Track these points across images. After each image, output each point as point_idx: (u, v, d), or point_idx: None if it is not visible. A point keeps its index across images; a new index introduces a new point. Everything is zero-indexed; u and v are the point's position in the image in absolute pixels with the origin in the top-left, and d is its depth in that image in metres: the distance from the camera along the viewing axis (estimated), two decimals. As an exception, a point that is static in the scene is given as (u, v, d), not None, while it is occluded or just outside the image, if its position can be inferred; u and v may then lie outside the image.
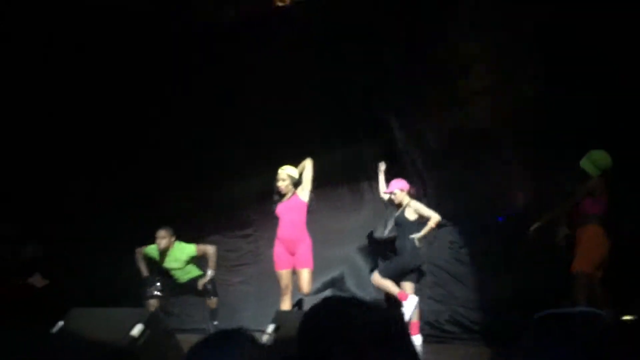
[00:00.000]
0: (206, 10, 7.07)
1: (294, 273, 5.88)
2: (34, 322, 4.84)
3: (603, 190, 5.09)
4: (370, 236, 6.94)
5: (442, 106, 6.61)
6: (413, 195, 6.21)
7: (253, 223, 7.86)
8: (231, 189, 7.52)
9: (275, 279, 6.03)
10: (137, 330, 4.07)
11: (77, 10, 6.33)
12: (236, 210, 7.83)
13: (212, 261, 6.50)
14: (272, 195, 6.05)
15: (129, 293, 6.84)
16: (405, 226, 5.99)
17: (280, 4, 7.31)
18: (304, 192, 5.90)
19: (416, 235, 5.87)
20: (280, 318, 4.15)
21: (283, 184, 5.92)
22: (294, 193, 5.93)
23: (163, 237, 6.38)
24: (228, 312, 7.12)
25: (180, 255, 6.45)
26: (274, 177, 6.02)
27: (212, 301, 6.47)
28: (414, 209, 6.01)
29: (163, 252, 6.43)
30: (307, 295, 5.78)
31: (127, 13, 6.53)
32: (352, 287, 6.90)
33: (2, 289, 6.12)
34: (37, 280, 6.26)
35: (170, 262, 6.46)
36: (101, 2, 6.40)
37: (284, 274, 5.85)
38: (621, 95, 5.25)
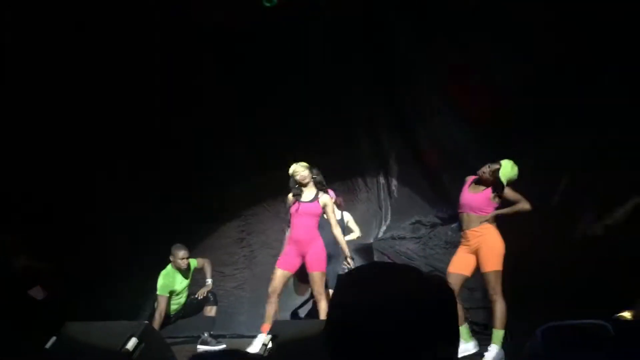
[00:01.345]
0: (198, 14, 7.03)
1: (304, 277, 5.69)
2: (33, 336, 4.75)
3: None
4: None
5: (439, 108, 6.64)
6: (340, 206, 6.29)
7: (246, 227, 7.80)
8: (224, 192, 7.45)
9: (254, 284, 5.97)
10: (131, 343, 4.01)
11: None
12: (230, 214, 7.76)
13: (209, 270, 6.45)
14: (292, 190, 5.60)
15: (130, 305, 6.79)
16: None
17: (267, 4, 7.29)
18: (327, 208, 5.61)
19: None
20: (277, 328, 4.09)
21: (304, 173, 5.52)
22: (316, 195, 5.57)
23: (187, 257, 6.20)
24: (223, 318, 7.06)
25: (188, 271, 6.35)
26: (266, 179, 5.92)
27: (213, 309, 6.41)
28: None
29: (180, 273, 6.25)
30: (320, 302, 5.47)
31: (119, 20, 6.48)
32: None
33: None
34: (37, 292, 6.09)
35: (181, 282, 6.30)
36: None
37: (279, 274, 5.56)
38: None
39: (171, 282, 6.19)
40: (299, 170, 5.53)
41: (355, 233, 6.51)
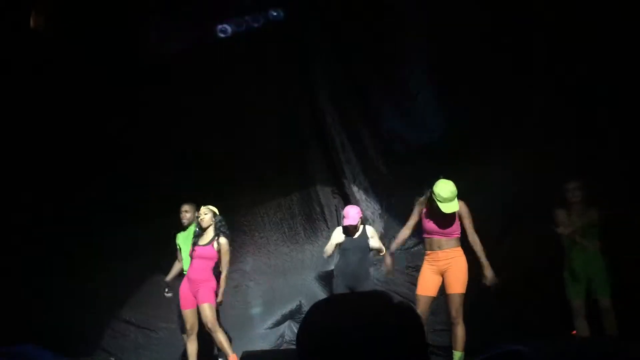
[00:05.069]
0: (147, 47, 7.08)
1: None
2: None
3: None
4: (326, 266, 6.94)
5: (391, 128, 6.81)
6: (363, 220, 6.16)
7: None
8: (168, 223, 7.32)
9: (221, 313, 6.01)
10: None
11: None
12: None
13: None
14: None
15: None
16: (366, 251, 5.96)
17: (222, 35, 7.44)
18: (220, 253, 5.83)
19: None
20: (246, 359, 4.08)
21: (205, 217, 5.86)
22: (212, 239, 5.83)
23: (187, 210, 6.29)
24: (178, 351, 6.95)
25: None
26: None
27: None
28: (370, 234, 5.99)
29: (186, 228, 6.29)
30: (215, 333, 5.64)
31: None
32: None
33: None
34: None
35: (189, 240, 6.17)
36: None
37: (188, 314, 5.85)
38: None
39: (179, 236, 6.34)
40: (201, 213, 5.88)
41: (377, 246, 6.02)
